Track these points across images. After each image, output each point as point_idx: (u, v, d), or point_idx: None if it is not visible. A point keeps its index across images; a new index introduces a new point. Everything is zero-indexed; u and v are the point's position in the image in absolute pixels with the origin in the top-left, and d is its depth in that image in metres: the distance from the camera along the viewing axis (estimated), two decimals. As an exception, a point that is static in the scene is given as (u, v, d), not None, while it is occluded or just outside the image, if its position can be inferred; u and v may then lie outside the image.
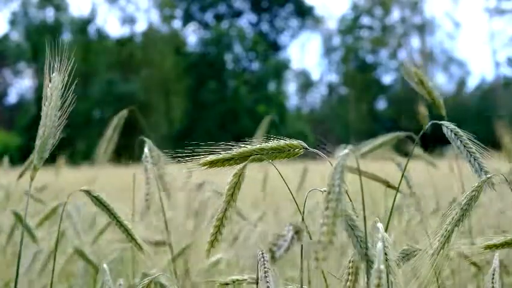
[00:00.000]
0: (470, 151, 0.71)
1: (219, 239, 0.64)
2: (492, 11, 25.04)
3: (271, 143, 0.64)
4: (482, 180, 0.72)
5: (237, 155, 0.64)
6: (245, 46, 24.32)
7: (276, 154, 0.64)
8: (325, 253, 0.46)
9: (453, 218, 0.71)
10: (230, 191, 0.63)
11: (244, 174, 0.63)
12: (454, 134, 0.72)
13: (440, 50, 26.54)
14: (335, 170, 0.49)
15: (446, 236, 0.71)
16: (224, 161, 0.64)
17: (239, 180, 0.63)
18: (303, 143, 0.64)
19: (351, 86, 23.84)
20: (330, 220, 0.47)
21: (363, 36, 25.11)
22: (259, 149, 0.63)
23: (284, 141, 0.64)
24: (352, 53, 24.60)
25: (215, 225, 0.64)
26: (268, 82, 23.55)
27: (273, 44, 25.25)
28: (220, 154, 0.63)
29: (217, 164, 0.64)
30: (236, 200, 0.63)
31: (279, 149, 0.64)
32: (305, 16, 25.54)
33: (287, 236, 0.50)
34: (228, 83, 23.44)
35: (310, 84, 25.26)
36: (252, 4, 25.40)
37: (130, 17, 24.49)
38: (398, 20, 24.97)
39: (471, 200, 0.72)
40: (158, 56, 22.55)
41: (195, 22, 24.89)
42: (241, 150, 0.64)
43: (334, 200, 0.48)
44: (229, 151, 0.64)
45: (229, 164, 0.64)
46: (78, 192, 0.76)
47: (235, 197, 0.63)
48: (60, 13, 23.44)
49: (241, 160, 0.64)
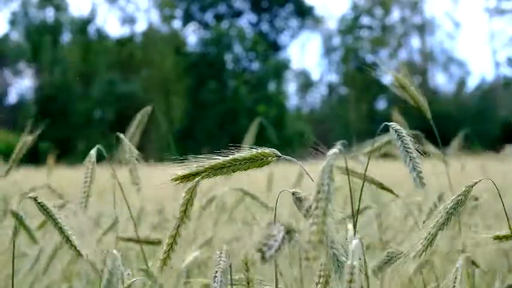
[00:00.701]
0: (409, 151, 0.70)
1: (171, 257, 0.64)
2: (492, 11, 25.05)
3: (244, 153, 0.64)
4: (469, 185, 0.72)
5: (208, 168, 0.63)
6: (245, 46, 24.32)
7: (249, 164, 0.63)
8: (316, 252, 0.46)
9: (437, 221, 0.71)
10: (183, 207, 0.63)
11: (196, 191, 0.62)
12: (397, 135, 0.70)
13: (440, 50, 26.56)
14: (323, 170, 0.49)
15: (430, 240, 0.71)
16: (196, 174, 0.63)
17: (191, 197, 0.62)
18: (276, 151, 0.64)
19: (351, 86, 23.84)
20: (320, 219, 0.47)
21: (363, 36, 25.12)
22: (232, 160, 0.63)
23: (256, 150, 0.64)
24: (352, 53, 24.60)
25: (167, 242, 0.63)
26: (268, 82, 23.55)
27: (273, 44, 25.25)
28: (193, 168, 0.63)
29: (189, 178, 0.63)
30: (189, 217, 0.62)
31: (252, 158, 0.63)
32: (305, 16, 25.54)
33: (278, 236, 0.49)
34: (228, 83, 23.44)
35: (310, 84, 25.26)
36: (252, 4, 25.40)
37: (130, 17, 24.50)
38: (398, 20, 24.98)
39: (457, 204, 0.71)
40: (158, 56, 22.54)
41: (195, 22, 24.90)
42: (213, 163, 0.63)
43: (323, 199, 0.48)
44: (200, 164, 0.63)
45: (201, 178, 0.63)
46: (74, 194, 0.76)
47: (188, 214, 0.63)
48: (60, 13, 23.43)
49: (213, 173, 0.63)
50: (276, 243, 0.49)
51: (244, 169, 0.64)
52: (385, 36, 24.85)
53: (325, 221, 0.47)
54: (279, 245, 0.49)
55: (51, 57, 21.99)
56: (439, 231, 0.70)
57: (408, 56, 24.87)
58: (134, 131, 1.18)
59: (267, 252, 0.48)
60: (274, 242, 0.49)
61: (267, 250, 0.48)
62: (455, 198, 0.72)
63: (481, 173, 1.68)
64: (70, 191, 1.70)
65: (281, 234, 0.49)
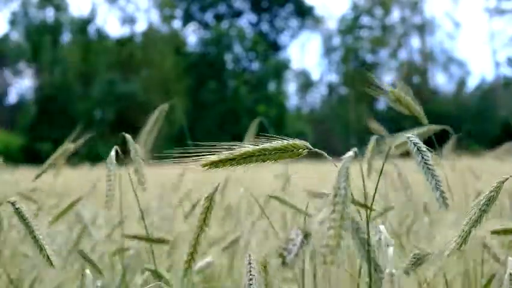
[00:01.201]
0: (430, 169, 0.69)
1: (191, 266, 0.64)
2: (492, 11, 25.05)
3: (275, 143, 0.63)
4: (500, 180, 0.71)
5: (239, 155, 0.62)
6: (245, 46, 24.33)
7: (279, 154, 0.63)
8: (333, 257, 0.46)
9: (471, 218, 0.71)
10: (202, 215, 0.63)
11: (215, 199, 0.62)
12: (416, 149, 0.70)
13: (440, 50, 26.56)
14: (340, 173, 0.49)
15: (464, 237, 0.70)
16: (226, 161, 0.62)
17: (211, 204, 0.62)
18: (306, 143, 0.63)
19: (351, 86, 23.85)
20: (337, 223, 0.47)
21: (363, 36, 25.12)
22: (262, 149, 0.62)
23: (287, 141, 0.63)
24: (352, 53, 24.60)
25: (189, 252, 0.64)
26: (268, 82, 23.56)
27: (273, 44, 25.26)
28: (222, 154, 0.62)
29: (218, 165, 0.62)
30: (208, 225, 0.62)
31: (282, 149, 0.63)
32: (305, 16, 25.55)
33: (296, 240, 0.49)
34: (228, 83, 23.44)
35: (310, 84, 25.27)
36: (252, 4, 25.41)
37: (130, 17, 24.51)
38: (398, 20, 24.99)
39: (489, 200, 0.71)
40: (158, 56, 22.55)
41: (195, 22, 24.91)
42: (243, 150, 0.62)
43: (340, 203, 0.48)
44: (231, 151, 0.62)
45: (230, 165, 0.62)
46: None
47: (208, 222, 0.63)
48: (60, 13, 23.44)
49: (243, 161, 0.62)
50: (295, 247, 0.48)
51: (274, 159, 0.63)
52: (385, 36, 24.86)
53: (342, 225, 0.47)
54: (298, 250, 0.49)
55: (51, 57, 22.00)
56: (472, 228, 0.70)
57: (408, 56, 24.89)
58: (151, 129, 1.18)
59: (288, 257, 0.48)
60: (293, 246, 0.48)
61: (287, 255, 0.48)
62: (487, 195, 0.71)
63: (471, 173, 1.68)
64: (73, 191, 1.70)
65: (299, 239, 0.49)
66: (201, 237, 0.63)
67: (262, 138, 0.63)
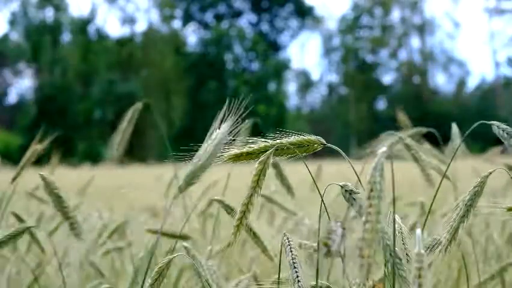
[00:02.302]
0: None
1: (244, 224, 0.66)
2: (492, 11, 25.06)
3: (292, 138, 0.66)
4: (484, 175, 0.72)
5: (258, 149, 0.66)
6: (245, 46, 24.34)
7: (295, 149, 0.66)
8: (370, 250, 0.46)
9: (458, 214, 0.72)
10: (256, 177, 0.65)
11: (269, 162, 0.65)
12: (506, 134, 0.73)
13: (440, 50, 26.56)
14: (374, 168, 0.49)
15: (452, 233, 0.72)
16: (246, 155, 0.66)
17: (264, 167, 0.65)
18: (321, 139, 0.66)
19: (351, 86, 23.85)
20: (374, 217, 0.48)
21: (363, 36, 25.13)
22: (279, 144, 0.66)
23: (303, 136, 0.66)
24: (352, 53, 24.61)
25: (241, 210, 0.66)
26: (268, 82, 23.57)
27: (273, 44, 25.27)
28: (244, 148, 0.66)
29: (240, 158, 0.66)
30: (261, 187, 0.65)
31: (298, 144, 0.66)
32: (305, 16, 25.56)
33: (338, 231, 0.50)
34: (228, 83, 23.45)
35: (310, 84, 25.28)
36: (252, 4, 25.42)
37: (130, 17, 24.51)
38: (398, 20, 25.00)
39: (474, 195, 0.72)
40: (158, 56, 22.56)
41: (195, 22, 24.91)
42: (262, 145, 0.66)
43: (376, 197, 0.48)
44: (251, 145, 0.66)
45: (251, 158, 0.66)
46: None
47: (261, 183, 0.65)
48: (60, 13, 23.44)
49: (262, 154, 0.66)
50: (337, 238, 0.49)
51: (289, 154, 0.66)
52: (385, 36, 24.87)
53: (378, 219, 0.48)
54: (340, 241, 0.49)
55: (51, 57, 22.01)
56: (460, 224, 0.72)
57: (408, 56, 24.90)
58: (126, 128, 1.17)
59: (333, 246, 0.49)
60: (336, 236, 0.49)
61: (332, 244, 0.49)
62: (471, 190, 0.72)
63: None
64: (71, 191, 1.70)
65: (340, 230, 0.50)
66: (254, 198, 0.65)
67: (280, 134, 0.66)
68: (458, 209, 0.72)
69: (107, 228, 1.38)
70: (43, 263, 1.27)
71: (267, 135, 0.66)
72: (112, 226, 1.38)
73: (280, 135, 0.66)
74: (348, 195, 0.62)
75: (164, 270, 0.72)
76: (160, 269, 0.72)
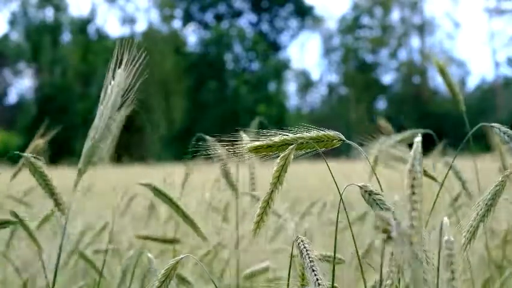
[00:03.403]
0: None
1: (264, 220, 0.66)
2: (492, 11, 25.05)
3: (311, 132, 0.66)
4: (505, 175, 0.72)
5: (278, 142, 0.66)
6: (245, 46, 24.33)
7: (314, 143, 0.66)
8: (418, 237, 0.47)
9: (478, 213, 0.72)
10: (277, 173, 0.65)
11: (291, 157, 0.65)
12: (507, 136, 0.73)
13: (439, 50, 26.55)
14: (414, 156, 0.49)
15: (472, 232, 0.71)
16: (267, 147, 0.66)
17: (286, 163, 0.65)
18: (340, 135, 0.67)
19: (351, 86, 23.84)
20: (418, 205, 0.48)
21: (363, 36, 25.12)
22: (299, 138, 0.66)
23: (323, 132, 0.66)
24: (352, 53, 24.60)
25: (262, 206, 0.66)
26: (268, 82, 23.56)
27: (273, 44, 25.25)
28: (265, 141, 0.66)
29: (260, 151, 0.66)
30: (282, 183, 0.65)
31: (317, 138, 0.66)
32: (305, 16, 25.55)
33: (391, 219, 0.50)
34: (228, 83, 23.45)
35: (310, 84, 25.27)
36: (252, 4, 25.40)
37: (130, 17, 24.51)
38: (398, 20, 24.99)
39: (495, 195, 0.72)
40: (158, 56, 22.55)
41: (195, 22, 24.90)
42: (282, 138, 0.66)
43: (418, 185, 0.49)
44: (271, 138, 0.66)
45: (271, 151, 0.66)
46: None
47: (282, 180, 0.65)
48: (60, 13, 23.44)
49: (282, 147, 0.66)
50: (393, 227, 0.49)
51: (309, 148, 0.66)
52: (385, 36, 24.86)
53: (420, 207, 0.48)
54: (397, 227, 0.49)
55: (51, 57, 22.00)
56: (480, 223, 0.71)
57: (408, 56, 24.89)
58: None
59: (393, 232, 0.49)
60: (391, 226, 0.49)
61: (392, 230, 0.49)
62: (492, 190, 0.72)
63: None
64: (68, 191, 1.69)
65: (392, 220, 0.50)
66: (274, 194, 0.65)
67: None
68: (479, 207, 0.72)
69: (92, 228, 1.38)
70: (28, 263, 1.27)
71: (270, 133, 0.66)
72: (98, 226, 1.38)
73: (300, 130, 0.66)
74: (368, 195, 0.62)
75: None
76: None
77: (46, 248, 1.19)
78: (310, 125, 0.64)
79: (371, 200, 0.61)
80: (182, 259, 0.72)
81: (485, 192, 0.72)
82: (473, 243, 0.71)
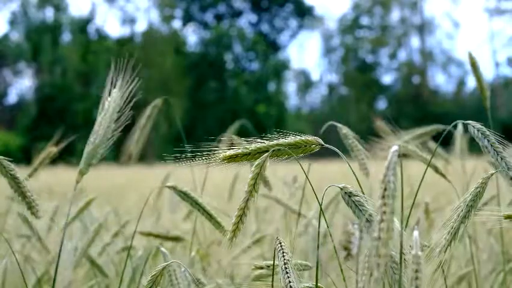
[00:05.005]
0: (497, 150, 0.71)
1: (240, 228, 0.65)
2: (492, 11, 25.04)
3: (289, 138, 0.65)
4: (486, 176, 0.72)
5: (254, 150, 0.65)
6: (245, 46, 24.33)
7: (292, 150, 0.65)
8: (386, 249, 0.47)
9: (458, 215, 0.71)
10: (252, 181, 0.64)
11: (266, 165, 0.64)
12: (481, 134, 0.73)
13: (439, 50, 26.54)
14: (388, 166, 0.49)
15: (453, 233, 0.71)
16: (242, 155, 0.65)
17: (261, 171, 0.64)
18: (319, 140, 0.66)
19: (351, 86, 23.84)
20: (389, 216, 0.47)
21: (363, 36, 25.12)
22: (276, 145, 0.65)
23: (300, 137, 0.65)
24: (352, 53, 24.60)
25: (237, 215, 0.65)
26: (268, 82, 23.56)
27: (273, 44, 25.25)
28: (239, 149, 0.65)
29: (235, 159, 0.65)
30: (258, 191, 0.64)
31: (295, 144, 0.65)
32: (305, 16, 25.55)
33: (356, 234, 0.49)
34: (228, 83, 23.44)
35: (310, 84, 25.27)
36: (252, 4, 25.41)
37: (130, 17, 24.51)
38: (398, 20, 24.99)
39: (476, 196, 0.72)
40: (158, 56, 22.55)
41: (195, 22, 24.90)
42: (258, 145, 0.65)
43: (390, 196, 0.48)
44: (247, 146, 0.65)
45: (247, 159, 0.65)
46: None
47: (257, 188, 0.64)
48: (60, 13, 23.44)
49: (258, 155, 0.65)
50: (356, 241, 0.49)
51: (287, 154, 0.65)
52: (385, 36, 24.86)
53: (392, 218, 0.47)
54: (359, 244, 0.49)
55: (51, 57, 22.00)
56: (461, 224, 0.71)
57: (408, 56, 24.89)
58: (144, 126, 1.17)
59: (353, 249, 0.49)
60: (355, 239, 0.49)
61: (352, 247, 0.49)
62: (473, 191, 0.72)
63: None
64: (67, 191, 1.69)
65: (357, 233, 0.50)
66: (250, 202, 0.65)
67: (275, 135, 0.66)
68: (459, 209, 0.72)
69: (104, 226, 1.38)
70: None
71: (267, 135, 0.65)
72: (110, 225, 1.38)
73: (277, 136, 0.66)
74: (348, 197, 0.62)
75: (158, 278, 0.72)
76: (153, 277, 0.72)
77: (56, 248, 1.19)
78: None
79: (350, 202, 0.61)
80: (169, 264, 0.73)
81: (465, 194, 0.72)
82: (454, 245, 0.70)
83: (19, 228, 1.40)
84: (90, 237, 1.23)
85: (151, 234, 1.13)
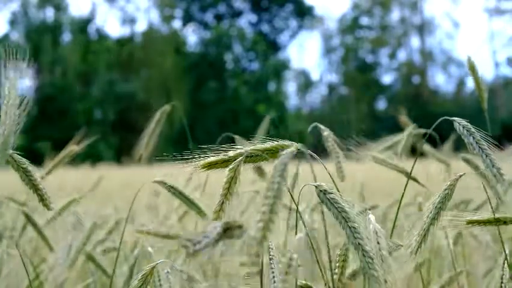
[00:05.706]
0: (483, 147, 0.72)
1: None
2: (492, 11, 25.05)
3: (265, 144, 0.66)
4: (454, 178, 0.73)
5: (233, 156, 0.66)
6: (245, 46, 24.33)
7: (269, 155, 0.66)
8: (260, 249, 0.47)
9: (428, 216, 0.72)
10: (227, 184, 0.65)
11: (240, 169, 0.65)
12: (466, 131, 0.73)
13: (439, 50, 26.54)
14: (276, 167, 0.50)
15: (423, 235, 0.72)
16: (222, 162, 0.66)
17: (235, 174, 0.65)
18: (296, 144, 0.66)
19: (351, 86, 23.85)
20: (267, 216, 0.48)
21: (363, 36, 25.13)
22: (254, 151, 0.66)
23: (277, 142, 0.66)
24: (352, 53, 24.61)
25: (213, 218, 0.66)
26: (268, 82, 23.56)
27: (273, 44, 25.26)
28: (218, 156, 0.66)
29: (215, 166, 0.66)
30: (232, 194, 0.65)
31: (272, 149, 0.66)
32: (305, 16, 25.55)
33: (211, 232, 0.50)
34: (228, 83, 23.44)
35: (310, 84, 25.27)
36: (252, 4, 25.41)
37: (130, 17, 24.51)
38: (398, 20, 24.99)
39: (445, 198, 0.73)
40: (158, 56, 22.55)
41: (195, 22, 24.90)
42: (237, 152, 0.66)
43: (272, 197, 0.49)
44: (225, 153, 0.66)
45: (226, 166, 0.66)
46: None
47: (232, 191, 0.65)
48: (60, 13, 23.44)
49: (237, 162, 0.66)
50: (206, 239, 0.50)
51: (265, 160, 0.66)
52: (385, 36, 24.86)
53: (272, 218, 0.48)
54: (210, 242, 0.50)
55: (51, 57, 22.00)
56: (431, 226, 0.72)
57: (408, 56, 24.89)
58: (153, 130, 1.20)
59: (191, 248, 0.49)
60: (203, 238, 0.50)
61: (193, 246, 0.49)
62: (442, 193, 0.73)
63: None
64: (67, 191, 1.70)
65: (216, 231, 0.50)
66: (225, 205, 0.66)
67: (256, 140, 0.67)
68: (429, 211, 0.72)
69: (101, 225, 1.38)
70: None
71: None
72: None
73: (254, 142, 0.66)
74: (323, 194, 0.62)
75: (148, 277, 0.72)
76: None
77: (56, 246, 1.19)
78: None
79: (325, 199, 0.61)
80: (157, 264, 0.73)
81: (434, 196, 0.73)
82: (424, 246, 0.71)
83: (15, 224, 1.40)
84: (85, 235, 1.23)
85: (148, 233, 1.13)
